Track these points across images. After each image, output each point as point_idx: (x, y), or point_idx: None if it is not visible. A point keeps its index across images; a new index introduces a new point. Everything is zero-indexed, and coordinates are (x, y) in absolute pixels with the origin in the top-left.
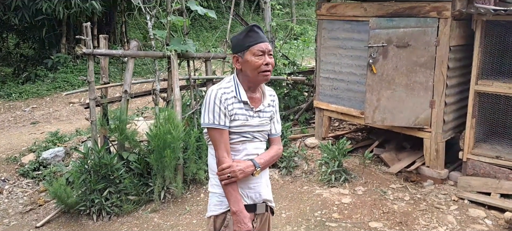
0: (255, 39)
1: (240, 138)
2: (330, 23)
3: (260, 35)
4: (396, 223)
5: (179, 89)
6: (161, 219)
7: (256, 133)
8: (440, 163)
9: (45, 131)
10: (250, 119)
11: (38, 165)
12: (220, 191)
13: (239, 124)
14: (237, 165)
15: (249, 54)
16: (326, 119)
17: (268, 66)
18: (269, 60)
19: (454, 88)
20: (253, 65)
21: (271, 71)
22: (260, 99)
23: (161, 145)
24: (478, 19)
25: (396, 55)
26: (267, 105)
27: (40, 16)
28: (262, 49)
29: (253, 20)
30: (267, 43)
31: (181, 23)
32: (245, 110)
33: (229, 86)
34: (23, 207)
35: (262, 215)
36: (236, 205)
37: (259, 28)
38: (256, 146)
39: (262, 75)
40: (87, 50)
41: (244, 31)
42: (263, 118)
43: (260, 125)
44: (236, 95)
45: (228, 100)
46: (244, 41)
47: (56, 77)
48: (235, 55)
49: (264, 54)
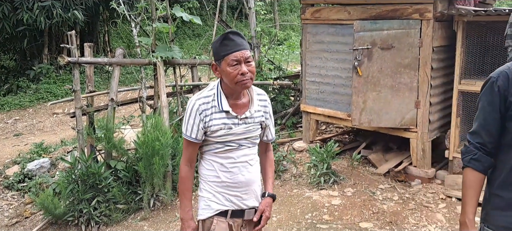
0: (230, 48)
1: (224, 147)
2: (314, 27)
3: (236, 42)
4: (386, 222)
5: (166, 96)
6: (151, 227)
7: (243, 140)
8: (427, 162)
9: (29, 142)
10: (235, 127)
11: (23, 177)
12: (207, 195)
13: (221, 133)
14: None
15: (224, 63)
16: (313, 122)
17: (245, 75)
18: (245, 69)
19: (438, 88)
20: (228, 75)
21: (252, 79)
22: (247, 104)
23: (149, 152)
24: (459, 20)
25: (380, 57)
26: (254, 111)
27: (21, 26)
28: (237, 59)
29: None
30: (243, 51)
31: (167, 30)
32: (227, 120)
33: (210, 95)
34: (9, 220)
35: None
36: (183, 213)
37: (237, 34)
38: (244, 152)
39: (240, 84)
40: (72, 59)
41: (220, 38)
42: (250, 124)
43: (246, 132)
44: (217, 104)
45: (206, 111)
46: (219, 49)
47: (38, 88)
48: (213, 63)
49: (239, 64)
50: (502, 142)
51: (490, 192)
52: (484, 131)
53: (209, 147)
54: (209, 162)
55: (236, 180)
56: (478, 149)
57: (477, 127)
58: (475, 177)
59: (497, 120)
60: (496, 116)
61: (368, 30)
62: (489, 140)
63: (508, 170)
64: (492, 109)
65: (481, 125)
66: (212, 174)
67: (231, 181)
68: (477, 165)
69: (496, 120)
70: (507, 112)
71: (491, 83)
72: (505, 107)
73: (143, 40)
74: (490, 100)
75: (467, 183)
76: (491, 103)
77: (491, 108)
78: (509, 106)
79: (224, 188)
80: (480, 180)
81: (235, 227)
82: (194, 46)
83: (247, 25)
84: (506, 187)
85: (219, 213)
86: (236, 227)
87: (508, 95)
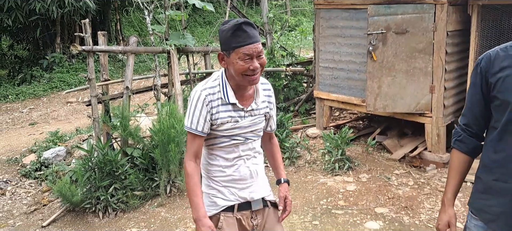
0: (242, 40)
1: (230, 141)
2: (328, 12)
3: (250, 34)
4: (401, 208)
5: (180, 84)
6: (168, 213)
7: (249, 133)
8: (441, 147)
9: (44, 131)
10: (241, 120)
11: (39, 165)
12: (212, 191)
13: (228, 127)
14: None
15: (235, 56)
16: (327, 108)
17: (255, 71)
18: (257, 65)
19: (453, 73)
20: (237, 69)
21: (260, 73)
22: (253, 96)
23: (165, 140)
24: (474, 4)
25: (395, 42)
26: (260, 102)
27: (34, 16)
28: (250, 53)
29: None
30: (256, 45)
31: (179, 17)
32: (233, 112)
33: (215, 86)
34: (28, 208)
35: (263, 211)
36: (195, 212)
37: (250, 25)
38: (249, 146)
39: (247, 79)
40: (87, 47)
41: (231, 28)
42: (256, 117)
43: (252, 125)
44: (223, 96)
45: (213, 103)
46: (230, 40)
47: (52, 78)
48: (220, 53)
49: (251, 58)
50: (489, 124)
51: (475, 175)
52: (469, 112)
53: (214, 141)
54: (213, 156)
55: (242, 173)
56: (463, 131)
57: (464, 109)
58: (458, 158)
59: (480, 101)
60: (479, 97)
61: (382, 15)
62: (473, 121)
63: (490, 153)
64: (475, 91)
65: (467, 107)
66: (217, 169)
67: (237, 175)
68: (461, 146)
69: (480, 101)
70: (489, 94)
71: (476, 65)
72: (487, 89)
73: (156, 28)
74: (474, 82)
75: (451, 164)
76: (474, 85)
77: (475, 90)
78: (490, 88)
79: (230, 182)
80: (464, 162)
81: (245, 220)
82: (205, 33)
83: (258, 12)
84: (485, 170)
85: (225, 209)
86: (245, 219)
87: (489, 76)
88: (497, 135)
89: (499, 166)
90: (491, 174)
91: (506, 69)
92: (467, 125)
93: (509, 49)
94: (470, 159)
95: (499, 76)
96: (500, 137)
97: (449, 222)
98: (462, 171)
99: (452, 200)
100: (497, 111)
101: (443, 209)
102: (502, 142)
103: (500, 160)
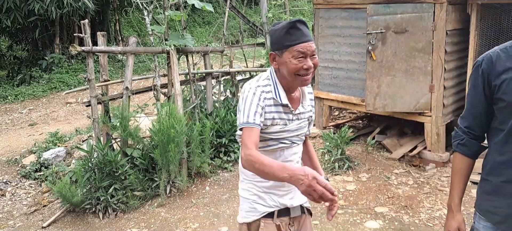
0: (296, 38)
1: (278, 144)
2: (327, 12)
3: (304, 32)
4: (401, 207)
5: (179, 84)
6: (168, 213)
7: (295, 137)
8: (441, 146)
9: (44, 132)
10: (289, 123)
11: (39, 166)
12: (252, 197)
13: (277, 129)
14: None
15: (288, 54)
16: (326, 108)
17: (309, 70)
18: (310, 64)
19: (452, 72)
20: (290, 68)
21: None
22: (299, 99)
23: (165, 140)
24: (473, 3)
25: (394, 41)
26: (307, 105)
27: (33, 17)
28: (304, 51)
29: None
30: (311, 43)
31: (178, 17)
32: (284, 114)
33: (266, 85)
34: (28, 208)
35: (300, 218)
36: (282, 171)
37: (304, 23)
38: (294, 150)
39: (300, 79)
40: (86, 48)
41: (285, 26)
42: (302, 120)
43: (298, 128)
44: (275, 97)
45: (267, 101)
46: (283, 39)
47: (51, 78)
48: (272, 52)
49: (305, 57)
50: (491, 125)
51: (481, 176)
52: (471, 115)
53: (260, 144)
54: None
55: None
56: (465, 134)
57: (465, 112)
58: (462, 162)
59: (482, 103)
60: (481, 100)
61: (382, 14)
62: (475, 124)
63: (497, 155)
64: (477, 93)
65: (468, 109)
66: None
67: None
68: (464, 149)
69: (482, 103)
70: (492, 96)
71: (476, 66)
72: (490, 91)
73: (156, 29)
74: (475, 84)
75: (455, 168)
76: (476, 87)
77: (476, 92)
78: (494, 90)
79: (272, 188)
80: (468, 165)
81: (283, 226)
82: (204, 33)
83: (257, 11)
84: (493, 171)
85: (265, 215)
86: (284, 226)
87: (491, 78)
88: (503, 137)
89: (507, 168)
90: (499, 175)
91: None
92: (469, 127)
93: (509, 50)
94: (473, 161)
95: (504, 78)
96: (506, 139)
97: (458, 228)
98: (466, 174)
99: (459, 205)
100: (502, 113)
101: (451, 215)
102: (509, 143)
103: (508, 161)
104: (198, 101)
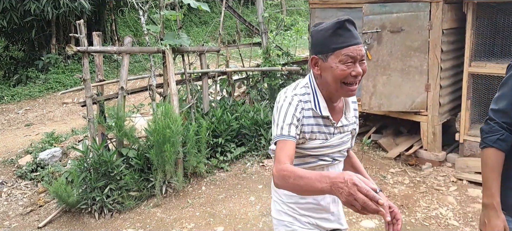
0: (346, 40)
1: (318, 161)
2: (323, 11)
3: (354, 34)
4: (397, 206)
5: (175, 84)
6: (164, 213)
7: (336, 153)
8: (437, 145)
9: (40, 132)
10: (330, 138)
11: (35, 166)
12: (288, 219)
13: (317, 144)
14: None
15: (334, 59)
16: None
17: (357, 78)
18: (359, 70)
19: (449, 71)
20: (337, 75)
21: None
22: (342, 110)
23: (160, 140)
24: (469, 2)
25: (390, 41)
26: (351, 117)
27: (29, 17)
28: (353, 55)
29: (242, 13)
30: (361, 46)
31: (174, 17)
32: (324, 128)
33: (305, 94)
34: (23, 209)
35: None
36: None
37: (353, 23)
38: (336, 168)
39: (346, 89)
40: (81, 48)
41: (332, 26)
42: (344, 134)
43: (341, 144)
44: (315, 107)
45: (304, 112)
46: (329, 40)
47: (47, 78)
48: (314, 56)
49: (354, 62)
50: None
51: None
52: None
53: (297, 161)
54: None
55: (325, 202)
56: (503, 128)
57: (504, 106)
58: (499, 157)
59: None
60: None
61: (377, 14)
62: None
63: None
64: None
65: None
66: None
67: (318, 204)
68: (503, 145)
69: None
70: None
71: None
72: None
73: (151, 28)
74: None
75: (491, 164)
76: None
77: None
78: None
79: (309, 211)
80: (502, 160)
81: None
82: (200, 33)
83: (253, 11)
84: None
85: None
86: None
87: None
88: None
89: None
90: None
91: None
92: (510, 124)
93: None
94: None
95: None
96: None
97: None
98: (501, 170)
99: (500, 204)
100: None
101: (495, 214)
102: None
103: None
104: (194, 101)
